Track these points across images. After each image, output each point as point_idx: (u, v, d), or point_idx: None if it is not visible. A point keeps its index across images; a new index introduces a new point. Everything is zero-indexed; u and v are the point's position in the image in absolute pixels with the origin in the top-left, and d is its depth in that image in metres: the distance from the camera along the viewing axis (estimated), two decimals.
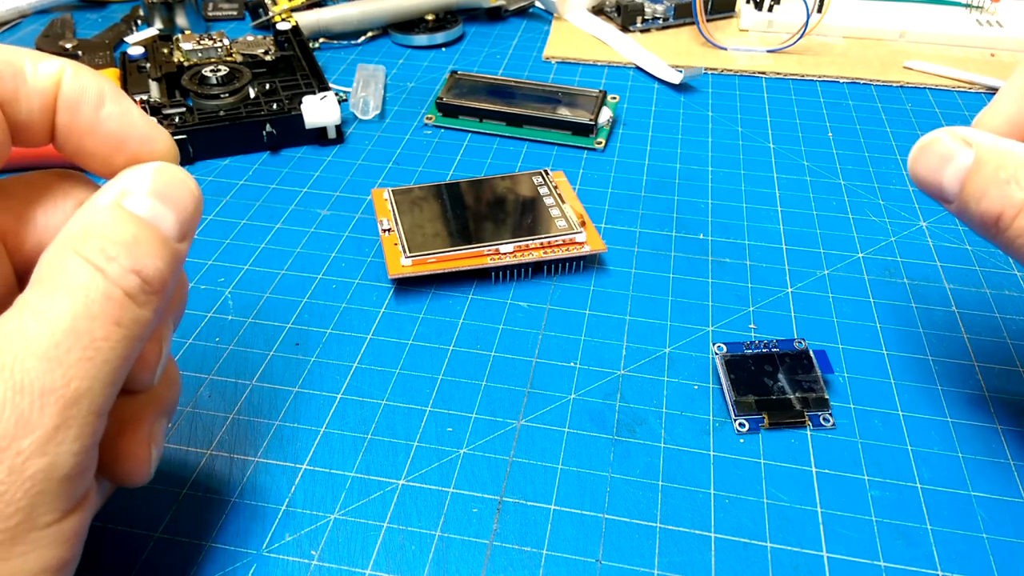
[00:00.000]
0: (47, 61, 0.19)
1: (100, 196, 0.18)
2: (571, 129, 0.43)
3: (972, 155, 0.22)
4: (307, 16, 0.54)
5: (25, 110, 0.18)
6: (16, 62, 0.18)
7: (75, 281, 0.16)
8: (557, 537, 0.24)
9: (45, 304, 0.16)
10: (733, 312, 0.32)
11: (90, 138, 0.19)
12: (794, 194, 0.39)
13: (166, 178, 0.19)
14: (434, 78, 0.50)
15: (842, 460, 0.26)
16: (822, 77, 0.50)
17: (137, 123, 0.19)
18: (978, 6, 0.56)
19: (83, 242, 0.17)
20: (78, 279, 0.16)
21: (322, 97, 0.42)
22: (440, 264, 0.32)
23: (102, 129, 0.19)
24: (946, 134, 0.23)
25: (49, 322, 0.16)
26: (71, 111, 0.19)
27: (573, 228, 0.34)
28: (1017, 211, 0.22)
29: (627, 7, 0.55)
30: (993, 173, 0.22)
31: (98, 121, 0.19)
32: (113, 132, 0.19)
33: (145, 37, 0.54)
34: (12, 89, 0.18)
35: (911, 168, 0.24)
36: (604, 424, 0.27)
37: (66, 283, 0.16)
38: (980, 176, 0.22)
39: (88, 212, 0.18)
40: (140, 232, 0.18)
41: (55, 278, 0.16)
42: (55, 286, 0.16)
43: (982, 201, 0.22)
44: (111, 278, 0.17)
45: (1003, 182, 0.22)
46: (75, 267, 0.17)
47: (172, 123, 0.41)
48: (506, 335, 0.31)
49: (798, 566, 0.23)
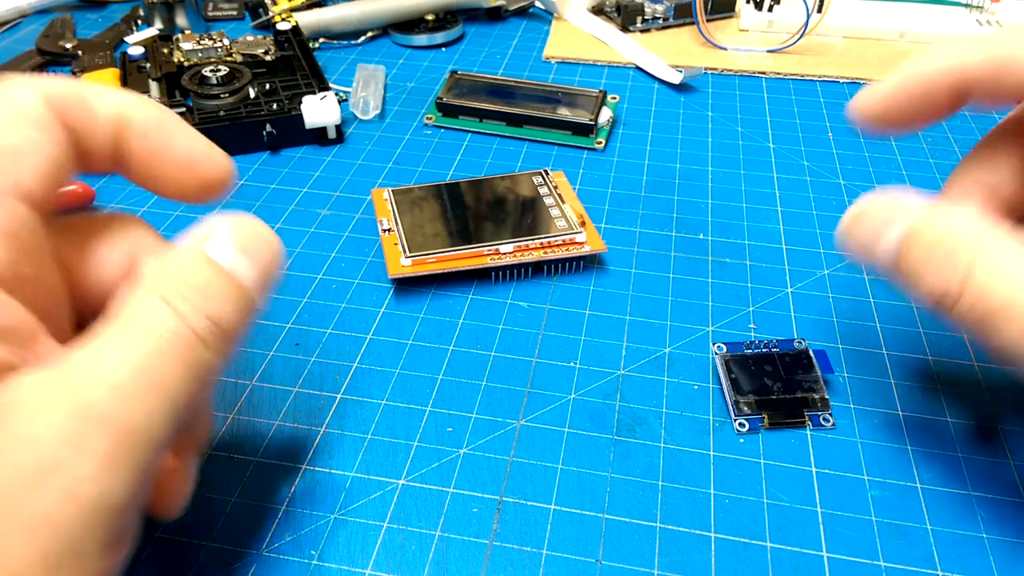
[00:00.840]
0: (112, 92, 0.19)
1: (184, 240, 0.19)
2: (571, 129, 0.43)
3: (905, 226, 0.21)
4: (307, 16, 0.54)
5: (94, 138, 0.19)
6: (84, 93, 0.19)
7: (150, 319, 0.17)
8: (557, 537, 0.24)
9: (118, 338, 0.17)
10: (733, 312, 0.32)
11: (161, 163, 0.20)
12: (794, 194, 0.39)
13: (249, 231, 0.19)
14: (434, 78, 0.50)
15: (842, 460, 0.26)
16: (822, 77, 0.50)
17: (202, 147, 0.21)
18: (978, 6, 0.56)
19: (161, 281, 0.18)
20: (153, 317, 0.17)
21: (322, 97, 0.42)
22: (440, 264, 0.32)
23: (172, 154, 0.20)
24: (879, 202, 0.22)
25: (121, 355, 0.16)
26: (142, 138, 0.20)
27: (573, 228, 0.34)
28: (959, 291, 0.20)
29: (627, 7, 0.55)
30: (930, 248, 0.20)
31: (168, 147, 0.20)
32: (182, 156, 0.20)
33: (145, 37, 0.54)
34: (84, 119, 0.19)
35: (841, 240, 0.23)
36: (604, 424, 0.27)
37: (141, 320, 0.17)
38: (916, 252, 0.21)
39: (170, 254, 0.18)
40: (217, 278, 0.18)
41: (130, 314, 0.17)
42: (130, 322, 0.17)
43: (922, 279, 0.20)
44: (185, 319, 0.17)
45: (941, 259, 0.20)
46: (151, 305, 0.17)
47: None
48: (506, 335, 0.31)
49: (798, 566, 0.23)
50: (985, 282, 0.19)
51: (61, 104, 0.18)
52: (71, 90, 0.19)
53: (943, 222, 0.21)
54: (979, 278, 0.19)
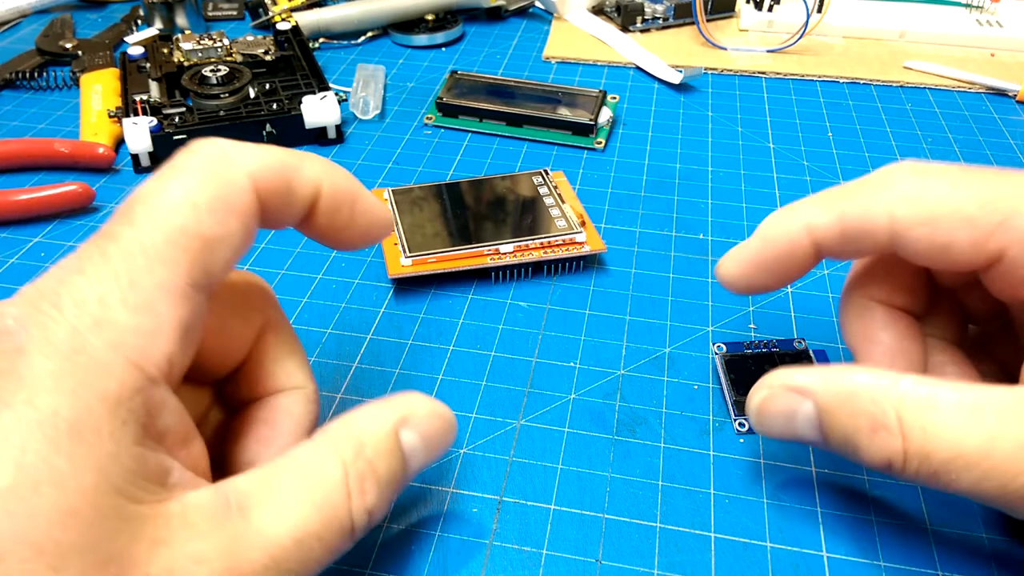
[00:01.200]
0: (312, 164, 0.20)
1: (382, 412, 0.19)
2: (571, 129, 0.43)
3: (811, 406, 0.20)
4: (307, 16, 0.54)
5: (286, 214, 0.19)
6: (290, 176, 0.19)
7: (328, 501, 0.18)
8: (557, 537, 0.24)
9: (291, 504, 0.17)
10: (733, 312, 0.32)
11: (342, 232, 0.21)
12: (794, 194, 0.39)
13: (439, 425, 0.20)
14: (434, 78, 0.50)
15: (842, 460, 0.26)
16: (822, 77, 0.50)
17: (379, 214, 0.22)
18: (978, 6, 0.56)
19: (352, 458, 0.18)
20: (330, 498, 0.18)
21: (322, 97, 0.42)
22: (440, 264, 0.32)
23: (355, 224, 0.21)
24: (776, 390, 0.21)
25: (286, 526, 0.17)
26: (332, 213, 0.20)
27: (573, 228, 0.34)
28: (903, 459, 0.19)
29: (627, 7, 0.55)
30: (852, 424, 0.19)
31: (353, 219, 0.21)
32: (362, 226, 0.21)
33: (145, 37, 0.54)
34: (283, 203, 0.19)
35: (760, 431, 0.22)
36: (604, 424, 0.27)
37: (319, 495, 0.17)
38: (838, 430, 0.20)
39: (367, 422, 0.19)
40: (396, 473, 0.19)
41: (312, 480, 0.18)
42: (309, 490, 0.17)
43: (859, 453, 0.20)
44: (353, 514, 0.18)
45: (870, 432, 0.19)
46: (333, 481, 0.18)
47: (172, 123, 0.41)
48: (506, 335, 0.31)
49: (798, 566, 0.23)
50: (922, 444, 0.18)
51: (267, 188, 0.18)
52: (278, 171, 0.18)
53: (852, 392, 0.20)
54: (915, 442, 0.19)
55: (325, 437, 0.19)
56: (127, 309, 0.16)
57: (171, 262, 0.16)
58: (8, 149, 0.40)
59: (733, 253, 0.24)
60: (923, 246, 0.20)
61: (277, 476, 0.18)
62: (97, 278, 0.16)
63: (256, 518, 0.17)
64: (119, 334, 0.16)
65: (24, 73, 0.49)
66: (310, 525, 0.17)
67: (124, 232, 0.16)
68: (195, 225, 0.17)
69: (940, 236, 0.20)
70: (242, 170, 0.18)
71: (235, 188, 0.17)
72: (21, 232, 0.36)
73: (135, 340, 0.16)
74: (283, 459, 0.18)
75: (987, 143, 0.44)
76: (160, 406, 0.16)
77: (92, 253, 0.16)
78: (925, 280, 0.24)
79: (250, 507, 0.17)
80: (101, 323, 0.15)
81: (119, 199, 0.39)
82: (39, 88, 0.49)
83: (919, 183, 0.21)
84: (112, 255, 0.16)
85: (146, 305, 0.16)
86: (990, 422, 0.18)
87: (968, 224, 0.20)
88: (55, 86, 0.49)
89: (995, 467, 0.18)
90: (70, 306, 0.15)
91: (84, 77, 0.48)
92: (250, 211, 0.18)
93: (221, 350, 0.21)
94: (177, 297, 0.16)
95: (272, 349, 0.22)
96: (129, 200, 0.17)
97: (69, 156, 0.40)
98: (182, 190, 0.17)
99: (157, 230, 0.16)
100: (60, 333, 0.15)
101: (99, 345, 0.15)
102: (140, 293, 0.16)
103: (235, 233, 0.17)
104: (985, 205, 0.20)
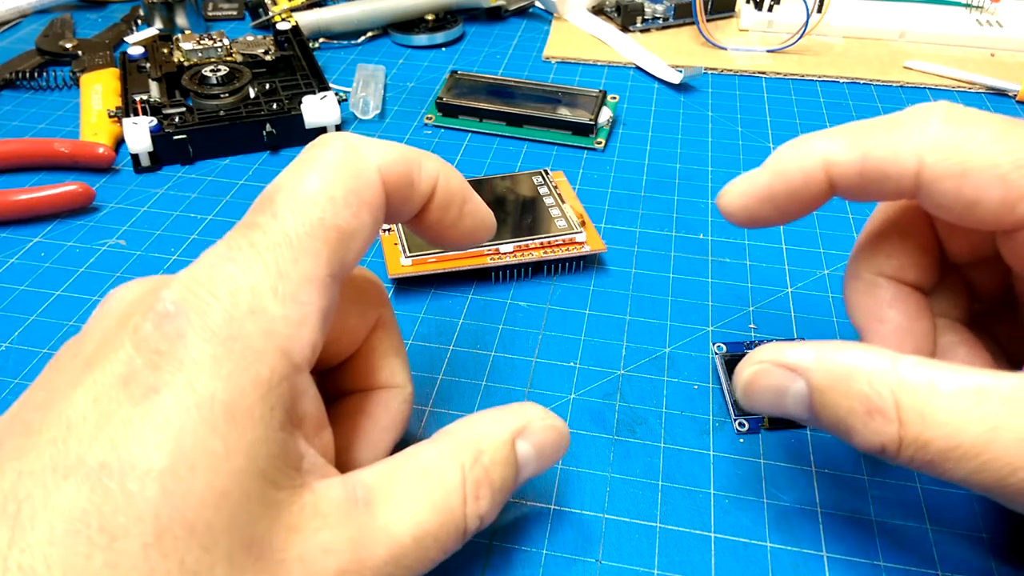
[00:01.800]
0: (430, 161, 0.20)
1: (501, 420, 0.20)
2: (571, 129, 0.43)
3: (803, 385, 0.20)
4: (307, 16, 0.54)
5: (405, 208, 0.20)
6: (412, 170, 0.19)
7: (445, 501, 0.18)
8: (557, 537, 0.24)
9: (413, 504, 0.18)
10: (733, 312, 0.32)
11: (452, 231, 0.21)
12: None
13: (554, 437, 0.21)
14: (434, 78, 0.50)
15: (842, 460, 0.26)
16: (822, 77, 0.50)
17: (484, 215, 0.22)
18: (978, 6, 0.56)
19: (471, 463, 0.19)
20: (448, 501, 0.18)
21: (322, 97, 0.42)
22: (440, 264, 0.32)
23: (463, 224, 0.21)
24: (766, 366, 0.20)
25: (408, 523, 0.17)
26: (443, 210, 0.21)
27: (573, 228, 0.34)
28: (898, 446, 0.18)
29: (627, 7, 0.55)
30: (846, 406, 0.19)
31: (461, 218, 0.21)
32: (469, 227, 0.22)
33: (145, 37, 0.54)
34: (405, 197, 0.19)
35: (746, 406, 0.21)
36: (604, 424, 0.27)
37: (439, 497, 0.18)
38: (831, 411, 0.19)
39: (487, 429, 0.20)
40: (508, 481, 0.20)
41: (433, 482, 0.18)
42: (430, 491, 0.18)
43: (853, 437, 0.19)
44: (468, 519, 0.18)
45: (865, 416, 0.18)
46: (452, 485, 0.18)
47: (172, 123, 0.41)
48: (506, 335, 0.31)
49: (798, 566, 0.23)
50: (919, 431, 0.18)
51: (393, 183, 0.19)
52: (403, 167, 0.19)
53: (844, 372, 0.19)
54: (912, 428, 0.18)
55: (447, 440, 0.19)
56: (277, 299, 0.16)
57: (313, 253, 0.17)
58: (8, 149, 0.40)
59: (738, 182, 0.23)
60: (949, 199, 0.19)
61: (400, 474, 0.18)
62: (248, 268, 0.16)
63: (380, 514, 0.17)
64: (271, 322, 0.16)
65: (24, 73, 0.49)
66: (429, 525, 0.18)
67: (269, 224, 0.17)
68: (332, 217, 0.17)
69: (969, 191, 0.19)
70: (372, 164, 0.18)
71: (366, 182, 0.18)
72: (21, 232, 0.36)
73: (285, 328, 0.16)
74: (405, 457, 0.19)
75: None
76: (302, 393, 0.17)
77: (241, 243, 0.17)
78: (936, 253, 0.23)
79: (375, 502, 0.17)
80: (255, 311, 0.16)
81: (119, 199, 0.39)
82: (39, 88, 0.49)
83: (955, 131, 0.19)
84: (260, 245, 0.17)
85: (294, 295, 0.17)
86: (992, 411, 0.17)
87: (1001, 183, 0.19)
88: (55, 86, 0.49)
89: (995, 459, 0.17)
90: (225, 294, 0.16)
91: (84, 77, 0.48)
92: (379, 204, 0.18)
93: (338, 341, 0.21)
94: (319, 287, 0.17)
95: (380, 345, 0.22)
96: (268, 191, 0.18)
97: (69, 156, 0.40)
98: (320, 183, 0.17)
99: (300, 222, 0.17)
100: (217, 319, 0.16)
101: (253, 332, 0.16)
102: (288, 283, 0.17)
103: (367, 225, 0.18)
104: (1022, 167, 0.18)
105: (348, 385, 0.22)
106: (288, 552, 0.16)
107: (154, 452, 0.14)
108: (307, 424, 0.17)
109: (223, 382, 0.15)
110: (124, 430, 0.15)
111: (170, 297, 0.16)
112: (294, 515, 0.16)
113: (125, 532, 0.14)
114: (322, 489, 0.17)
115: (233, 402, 0.15)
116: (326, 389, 0.23)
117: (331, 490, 0.17)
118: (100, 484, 0.14)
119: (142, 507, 0.14)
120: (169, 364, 0.15)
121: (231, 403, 0.15)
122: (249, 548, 0.15)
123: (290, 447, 0.16)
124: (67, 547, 0.14)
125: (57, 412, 0.15)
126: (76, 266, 0.34)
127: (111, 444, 0.14)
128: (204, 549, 0.14)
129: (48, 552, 0.14)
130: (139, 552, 0.14)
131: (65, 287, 0.33)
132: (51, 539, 0.14)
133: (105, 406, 0.15)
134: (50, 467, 0.14)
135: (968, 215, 0.20)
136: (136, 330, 0.16)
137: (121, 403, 0.15)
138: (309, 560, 0.16)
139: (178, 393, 0.15)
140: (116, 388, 0.15)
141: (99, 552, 0.14)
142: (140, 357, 0.15)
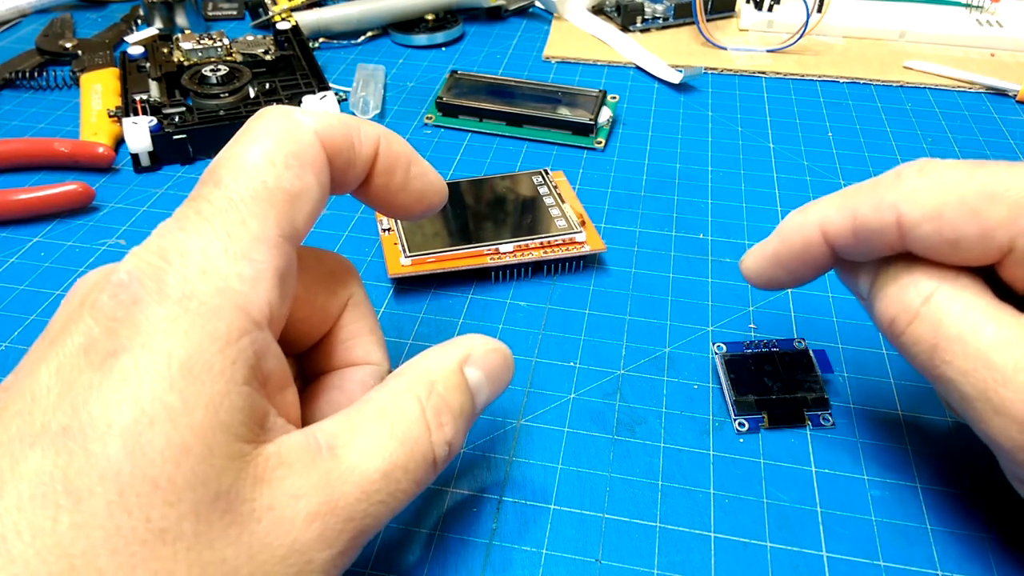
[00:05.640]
0: (368, 128, 0.21)
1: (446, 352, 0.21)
2: (571, 129, 0.43)
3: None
4: (307, 16, 0.54)
5: (350, 174, 0.20)
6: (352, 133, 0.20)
7: (410, 434, 0.18)
8: (557, 537, 0.24)
9: (376, 441, 0.18)
10: (733, 312, 0.32)
11: (401, 195, 0.22)
12: (794, 194, 0.39)
13: (498, 360, 0.21)
14: (434, 78, 0.50)
15: (842, 460, 0.26)
16: (822, 77, 0.50)
17: (434, 180, 0.22)
18: (978, 6, 0.56)
19: (428, 396, 0.19)
20: (413, 433, 0.19)
21: (322, 97, 0.42)
22: (440, 264, 0.32)
23: (410, 187, 0.22)
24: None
25: (375, 461, 0.18)
26: (388, 174, 0.21)
27: (573, 228, 0.34)
28: (911, 317, 0.20)
29: (627, 7, 0.55)
30: (895, 272, 0.21)
31: (408, 181, 0.21)
32: (418, 189, 0.22)
33: (145, 37, 0.54)
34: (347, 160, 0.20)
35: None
36: (604, 424, 0.27)
37: (402, 432, 0.18)
38: (885, 273, 0.21)
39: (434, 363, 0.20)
40: (466, 406, 0.20)
41: (393, 420, 0.19)
42: (391, 426, 0.18)
43: (880, 300, 0.21)
44: (434, 445, 0.19)
45: (902, 283, 0.21)
46: (413, 417, 0.19)
47: (172, 123, 0.41)
48: (506, 335, 0.31)
49: (798, 566, 0.23)
50: (940, 313, 0.20)
51: (333, 146, 0.19)
52: (341, 131, 0.20)
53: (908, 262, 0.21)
54: (935, 308, 0.20)
55: (398, 380, 0.20)
56: (228, 257, 0.17)
57: (261, 215, 0.18)
58: (8, 149, 0.40)
59: (754, 250, 0.24)
60: (933, 242, 0.20)
61: (360, 417, 0.19)
62: (197, 232, 0.17)
63: (345, 456, 0.17)
64: (224, 279, 0.17)
65: (24, 73, 0.49)
66: (396, 458, 0.18)
67: (213, 193, 0.18)
68: (276, 180, 0.18)
69: (948, 231, 0.20)
70: (309, 128, 0.19)
71: (306, 145, 0.19)
72: (21, 232, 0.36)
73: (239, 285, 0.17)
74: (362, 403, 0.19)
75: (987, 143, 0.44)
76: (264, 350, 0.17)
77: (188, 213, 0.17)
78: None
79: (338, 446, 0.18)
80: (207, 271, 0.16)
81: (119, 199, 0.39)
82: (39, 88, 0.49)
83: (926, 178, 0.20)
84: (206, 212, 0.17)
85: (244, 253, 0.17)
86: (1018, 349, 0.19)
87: (974, 217, 0.20)
88: (55, 86, 0.49)
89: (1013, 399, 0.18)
90: (176, 257, 0.16)
91: (84, 77, 0.48)
92: (322, 165, 0.19)
93: (309, 322, 0.22)
94: (271, 247, 0.17)
95: (354, 325, 0.23)
96: (212, 166, 0.18)
97: (69, 156, 0.40)
98: (260, 150, 0.18)
99: (243, 187, 0.18)
100: (171, 282, 0.16)
101: (207, 291, 0.16)
102: (238, 243, 0.17)
103: (312, 188, 0.19)
104: (991, 197, 0.19)
105: (324, 366, 0.23)
106: (256, 502, 0.16)
107: (114, 411, 0.15)
108: (271, 383, 0.18)
109: (179, 339, 0.16)
110: (85, 394, 0.15)
111: (123, 268, 0.16)
112: (260, 466, 0.16)
113: (90, 492, 0.14)
114: (286, 440, 0.17)
115: (191, 358, 0.15)
116: (303, 371, 0.23)
117: (293, 440, 0.17)
118: (64, 447, 0.14)
119: (104, 466, 0.14)
120: (126, 329, 0.16)
121: (188, 359, 0.15)
122: (215, 501, 0.15)
123: (255, 402, 0.17)
124: (34, 511, 0.14)
125: (22, 387, 0.16)
126: (76, 266, 0.34)
127: (73, 409, 0.15)
128: (169, 504, 0.15)
129: (17, 518, 0.14)
130: (104, 511, 0.14)
131: (65, 287, 0.33)
132: (19, 505, 0.14)
133: (67, 375, 0.15)
134: (17, 437, 0.15)
135: (955, 254, 0.20)
136: (94, 304, 0.16)
137: (82, 370, 0.15)
138: (279, 507, 0.16)
139: (135, 354, 0.15)
140: (77, 357, 0.15)
141: (65, 514, 0.14)
142: (98, 326, 0.16)
